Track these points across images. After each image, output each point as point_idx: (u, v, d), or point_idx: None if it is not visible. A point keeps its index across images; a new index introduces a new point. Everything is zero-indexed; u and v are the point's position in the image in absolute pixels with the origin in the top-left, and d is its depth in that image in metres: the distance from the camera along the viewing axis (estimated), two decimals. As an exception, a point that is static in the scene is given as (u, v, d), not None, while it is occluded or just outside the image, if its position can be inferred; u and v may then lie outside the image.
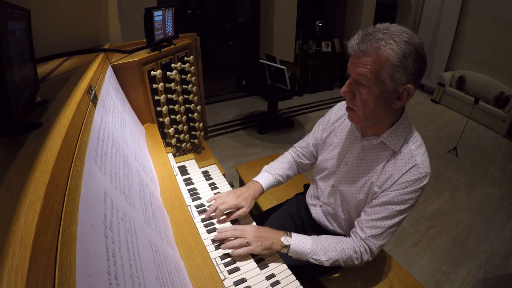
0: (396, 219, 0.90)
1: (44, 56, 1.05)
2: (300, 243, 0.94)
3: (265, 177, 1.15)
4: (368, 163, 0.95)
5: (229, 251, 0.89)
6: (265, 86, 3.61)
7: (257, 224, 1.02)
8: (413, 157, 0.87)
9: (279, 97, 3.88)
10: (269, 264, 0.90)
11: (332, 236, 0.99)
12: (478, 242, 2.29)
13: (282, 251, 0.93)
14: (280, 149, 3.31)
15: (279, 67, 3.33)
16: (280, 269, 0.88)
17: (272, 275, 0.86)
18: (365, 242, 0.93)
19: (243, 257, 0.88)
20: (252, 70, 3.73)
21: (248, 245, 0.88)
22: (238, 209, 1.01)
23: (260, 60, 3.62)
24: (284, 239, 0.93)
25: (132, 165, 0.80)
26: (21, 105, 0.53)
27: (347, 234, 1.06)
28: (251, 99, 4.79)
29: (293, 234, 0.96)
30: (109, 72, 1.08)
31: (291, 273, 0.88)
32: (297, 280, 0.86)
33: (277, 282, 0.85)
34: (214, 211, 1.00)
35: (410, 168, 0.86)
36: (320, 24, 5.95)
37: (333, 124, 1.10)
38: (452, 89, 4.94)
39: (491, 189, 2.95)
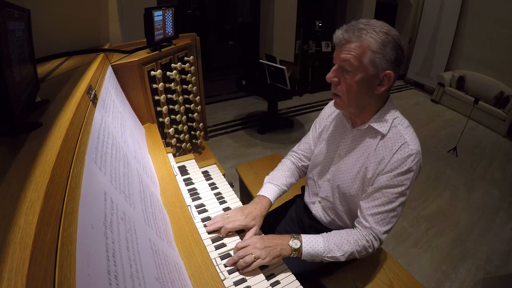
0: (396, 203, 0.91)
1: (44, 56, 1.05)
2: (312, 243, 0.92)
3: (270, 189, 1.12)
4: (360, 151, 0.97)
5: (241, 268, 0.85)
6: (265, 86, 3.61)
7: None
8: (402, 136, 0.90)
9: (279, 97, 3.88)
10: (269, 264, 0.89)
11: (341, 230, 0.98)
12: (478, 242, 2.29)
13: (292, 255, 0.90)
14: (280, 149, 3.31)
15: (279, 67, 3.33)
16: (280, 269, 0.88)
17: (272, 275, 0.86)
18: (371, 231, 0.93)
19: (253, 273, 0.84)
20: (252, 70, 3.73)
21: (257, 259, 0.85)
22: (248, 229, 0.97)
23: (260, 60, 3.62)
24: (293, 243, 0.90)
25: (132, 165, 0.80)
26: (21, 105, 0.53)
27: (348, 227, 1.06)
28: (251, 99, 4.78)
29: (302, 235, 0.93)
30: (109, 72, 1.08)
31: (291, 273, 0.88)
32: (297, 280, 0.86)
33: (277, 282, 0.85)
34: (219, 228, 0.95)
35: (400, 146, 0.89)
36: (320, 24, 5.94)
37: (325, 120, 1.13)
38: (452, 89, 4.94)
39: (491, 189, 2.95)
